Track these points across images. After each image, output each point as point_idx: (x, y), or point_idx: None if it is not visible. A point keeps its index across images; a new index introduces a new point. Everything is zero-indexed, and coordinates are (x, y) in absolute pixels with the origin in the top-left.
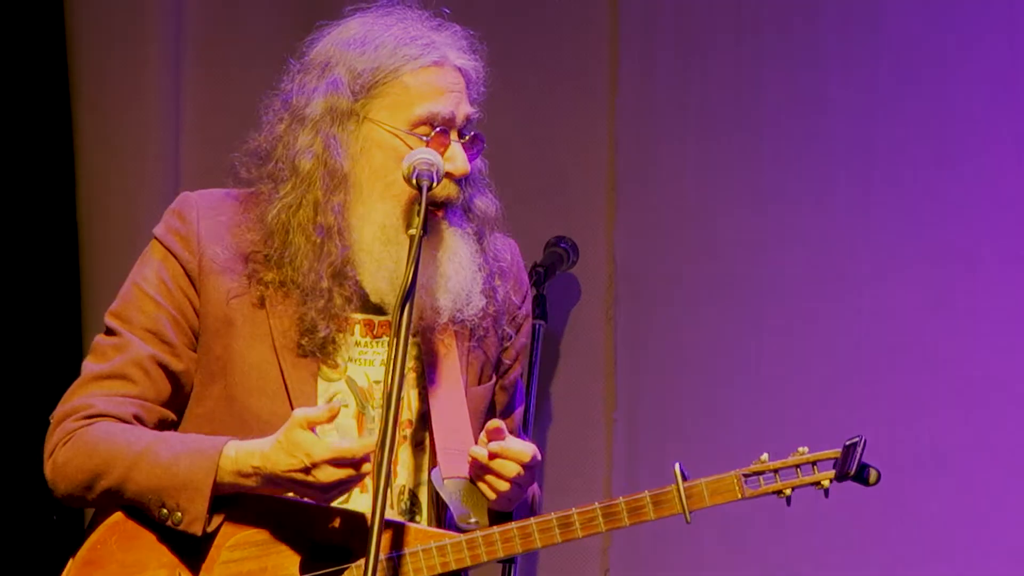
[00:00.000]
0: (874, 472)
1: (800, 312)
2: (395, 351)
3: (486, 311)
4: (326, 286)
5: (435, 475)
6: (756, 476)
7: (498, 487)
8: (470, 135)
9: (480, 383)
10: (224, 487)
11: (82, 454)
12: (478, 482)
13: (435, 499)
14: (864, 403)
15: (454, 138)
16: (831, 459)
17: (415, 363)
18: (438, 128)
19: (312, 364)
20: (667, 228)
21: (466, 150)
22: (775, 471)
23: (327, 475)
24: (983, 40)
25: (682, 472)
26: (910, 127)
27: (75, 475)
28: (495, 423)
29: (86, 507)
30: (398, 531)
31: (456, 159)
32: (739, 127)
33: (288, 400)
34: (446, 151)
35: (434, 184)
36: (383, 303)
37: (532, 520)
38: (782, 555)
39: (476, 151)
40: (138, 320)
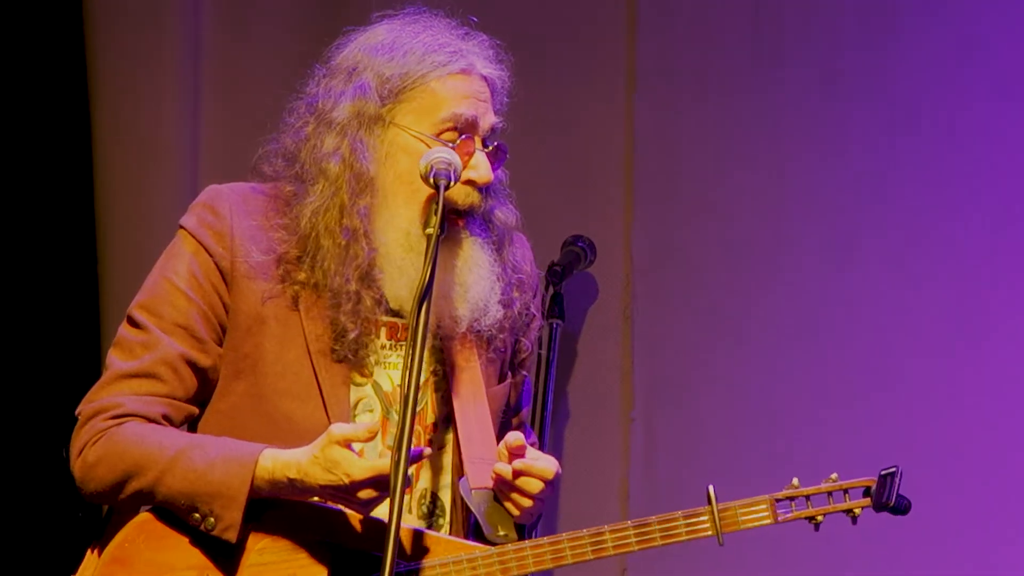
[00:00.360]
0: (908, 503)
1: (819, 312)
2: (412, 352)
3: (503, 323)
4: (354, 288)
5: (463, 485)
6: (788, 501)
7: (522, 504)
8: (494, 145)
9: (500, 382)
10: (258, 495)
11: (113, 455)
12: (502, 498)
13: (458, 504)
14: (884, 402)
15: (478, 146)
16: (863, 487)
17: (436, 367)
18: (463, 135)
19: (344, 369)
20: (685, 227)
21: (489, 160)
22: (807, 497)
23: (366, 493)
24: (1003, 21)
25: (715, 494)
26: (927, 130)
27: (106, 475)
28: (518, 440)
29: (113, 506)
30: (429, 542)
31: (480, 167)
32: (757, 125)
33: (323, 404)
34: (471, 159)
35: (451, 183)
36: (402, 309)
37: (564, 536)
38: (799, 557)
39: (499, 162)
40: (168, 315)
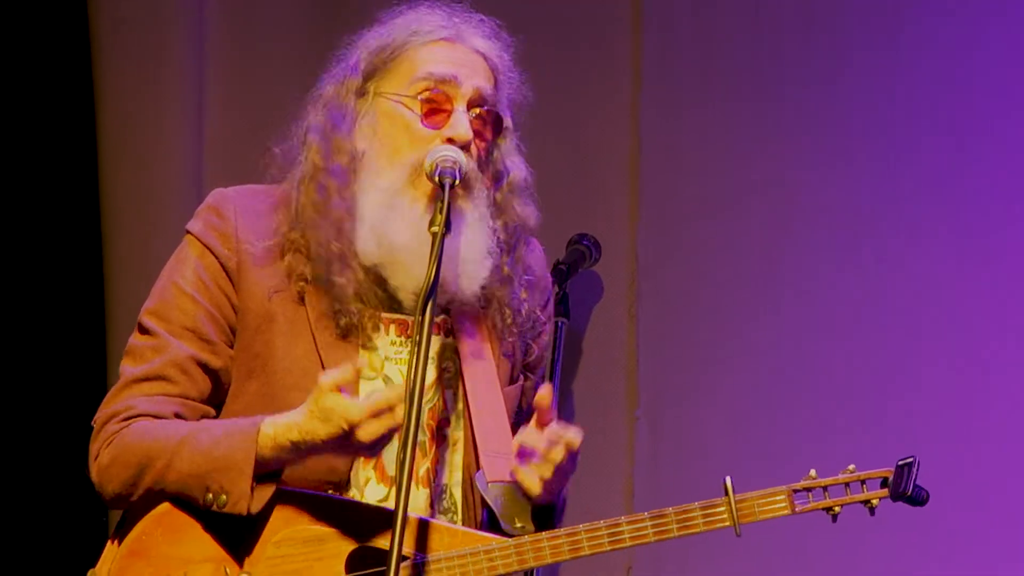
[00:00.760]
0: (926, 493)
1: (824, 310)
2: (417, 349)
3: (514, 320)
4: (335, 249)
5: (479, 478)
6: (805, 492)
7: (545, 475)
8: (483, 110)
9: (512, 382)
10: (266, 464)
11: (126, 452)
12: (523, 471)
13: (470, 501)
14: (890, 400)
15: (459, 106)
16: (880, 478)
17: (448, 364)
18: (435, 89)
19: (352, 355)
20: (690, 225)
21: (480, 126)
22: (824, 488)
23: (368, 433)
24: (1006, 21)
25: (732, 485)
26: (940, 135)
27: (120, 473)
28: (546, 399)
29: (134, 506)
30: (446, 534)
31: (456, 126)
32: (762, 124)
33: None
34: (448, 118)
35: (457, 181)
36: (374, 265)
37: (581, 527)
38: (806, 555)
39: (489, 127)
40: (177, 319)
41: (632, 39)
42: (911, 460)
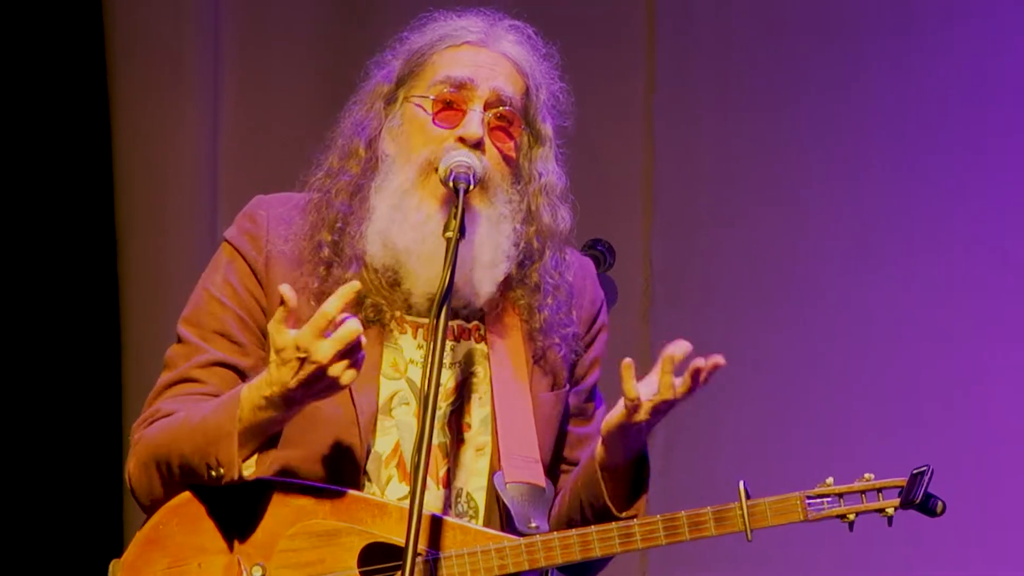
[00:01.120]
0: (941, 504)
1: (838, 315)
2: (432, 355)
3: (544, 327)
4: (348, 252)
5: (498, 479)
6: (820, 499)
7: (667, 394)
8: (504, 110)
9: (553, 390)
10: (254, 429)
11: (144, 451)
12: (628, 409)
13: (494, 504)
14: (905, 405)
15: (475, 107)
16: (897, 487)
17: (477, 368)
18: (451, 90)
19: (373, 358)
20: (704, 230)
21: (498, 127)
22: (839, 496)
23: (323, 353)
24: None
25: (746, 490)
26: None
27: (142, 474)
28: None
29: (163, 501)
30: (458, 531)
31: (467, 125)
32: (777, 130)
33: (349, 392)
34: (463, 118)
35: (471, 186)
36: (384, 267)
37: (592, 528)
38: (822, 559)
39: (509, 132)
40: (207, 323)
41: (646, 45)
42: (924, 469)
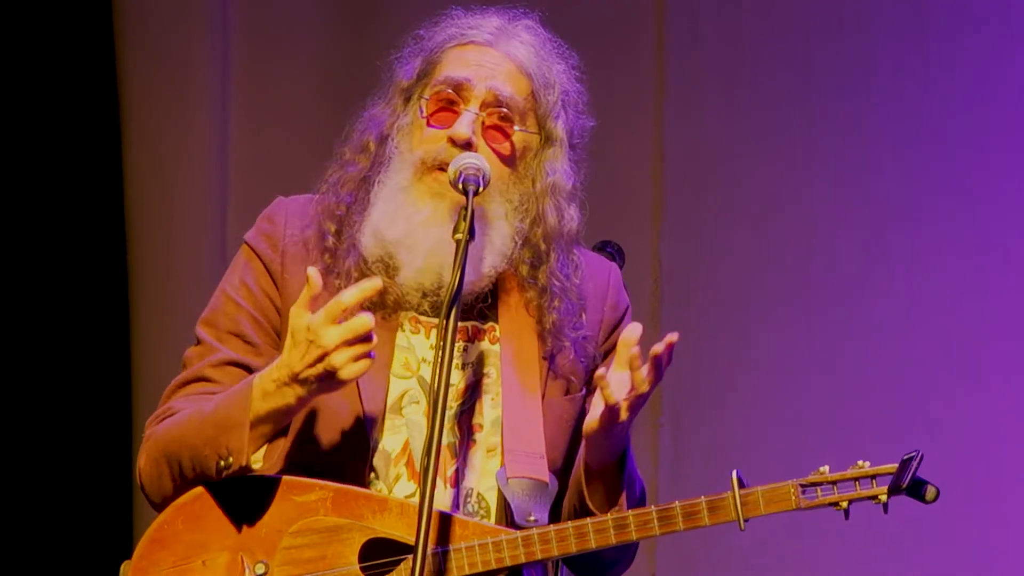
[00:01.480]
0: (932, 489)
1: (847, 317)
2: (441, 355)
3: (553, 329)
4: (332, 229)
5: (500, 474)
6: (814, 487)
7: (643, 387)
8: (498, 110)
9: (568, 394)
10: (265, 418)
11: (155, 448)
12: (610, 412)
13: (503, 504)
14: (913, 408)
15: (470, 107)
16: (891, 474)
17: (489, 369)
18: (447, 91)
19: (383, 357)
20: (713, 232)
21: (495, 126)
22: (833, 483)
23: (329, 338)
24: None
25: (740, 479)
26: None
27: (153, 470)
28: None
29: (174, 497)
30: (455, 525)
31: (457, 126)
32: (786, 132)
33: (356, 388)
34: (456, 118)
35: (480, 188)
36: (365, 247)
37: (588, 520)
38: (828, 558)
39: (505, 132)
40: (223, 324)
41: (656, 48)
42: (914, 454)
